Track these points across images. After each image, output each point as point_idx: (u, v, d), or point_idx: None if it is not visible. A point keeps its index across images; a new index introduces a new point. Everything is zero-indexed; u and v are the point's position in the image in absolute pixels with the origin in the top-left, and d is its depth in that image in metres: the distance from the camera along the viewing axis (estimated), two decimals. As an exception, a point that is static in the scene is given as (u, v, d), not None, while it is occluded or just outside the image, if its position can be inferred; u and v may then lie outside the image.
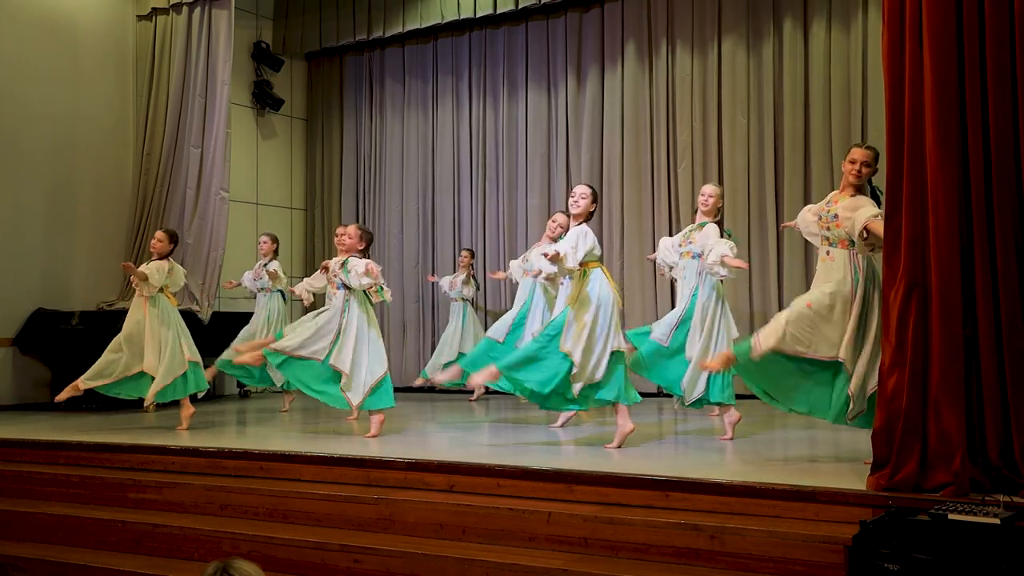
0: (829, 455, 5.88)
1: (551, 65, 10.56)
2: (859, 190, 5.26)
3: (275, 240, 9.31)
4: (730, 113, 9.54)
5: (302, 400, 8.51)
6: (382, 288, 6.89)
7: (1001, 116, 4.21)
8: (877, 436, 4.39)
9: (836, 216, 5.22)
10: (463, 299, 9.93)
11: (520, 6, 10.20)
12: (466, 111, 11.07)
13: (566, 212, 7.00)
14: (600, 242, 9.96)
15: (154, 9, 10.45)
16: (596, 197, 6.33)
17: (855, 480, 4.50)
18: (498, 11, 10.33)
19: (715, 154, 9.61)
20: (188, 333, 7.56)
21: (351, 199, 11.78)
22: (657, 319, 9.72)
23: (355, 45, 11.53)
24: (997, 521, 3.63)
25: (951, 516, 3.71)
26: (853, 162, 5.24)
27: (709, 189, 6.76)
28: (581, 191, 6.25)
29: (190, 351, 7.47)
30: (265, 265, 9.09)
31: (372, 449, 5.99)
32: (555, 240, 7.22)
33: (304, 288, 8.14)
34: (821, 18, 9.18)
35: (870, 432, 4.51)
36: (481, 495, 5.03)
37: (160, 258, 7.55)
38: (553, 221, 7.88)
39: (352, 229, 7.04)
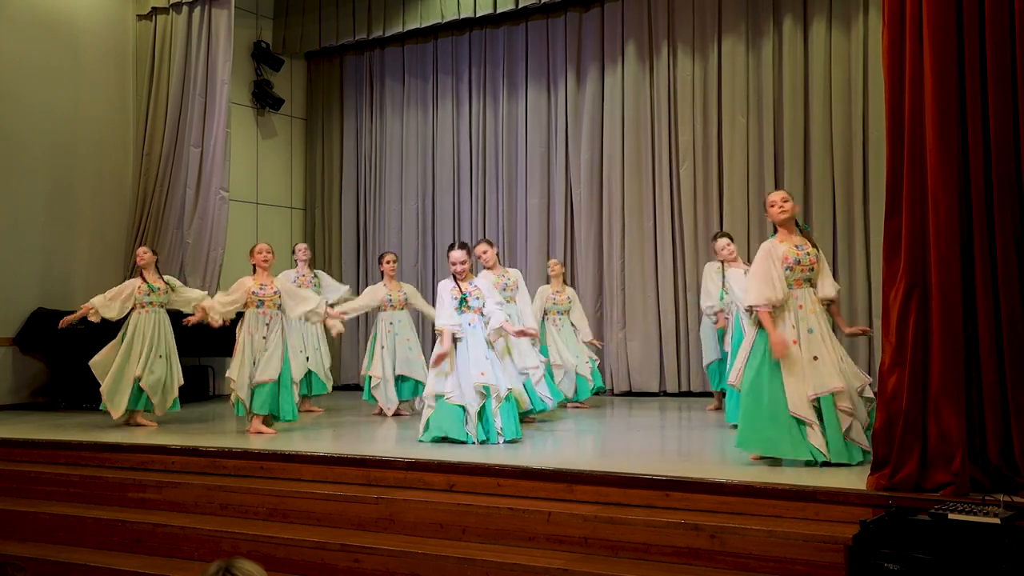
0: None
1: (551, 65, 10.56)
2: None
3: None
4: (730, 113, 9.54)
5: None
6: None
7: (1001, 116, 4.21)
8: (877, 436, 4.39)
9: None
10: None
11: (520, 6, 10.18)
12: (466, 111, 11.07)
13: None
14: (600, 242, 10.13)
15: (154, 9, 10.44)
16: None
17: (855, 480, 4.50)
18: (498, 11, 10.32)
19: (715, 154, 9.61)
20: None
21: (351, 199, 11.77)
22: (657, 318, 9.80)
23: (355, 45, 11.52)
24: (997, 521, 3.63)
25: (951, 516, 3.71)
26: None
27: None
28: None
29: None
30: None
31: (372, 449, 5.99)
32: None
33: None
34: (821, 18, 9.18)
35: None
36: (481, 495, 5.04)
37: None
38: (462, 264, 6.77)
39: None
